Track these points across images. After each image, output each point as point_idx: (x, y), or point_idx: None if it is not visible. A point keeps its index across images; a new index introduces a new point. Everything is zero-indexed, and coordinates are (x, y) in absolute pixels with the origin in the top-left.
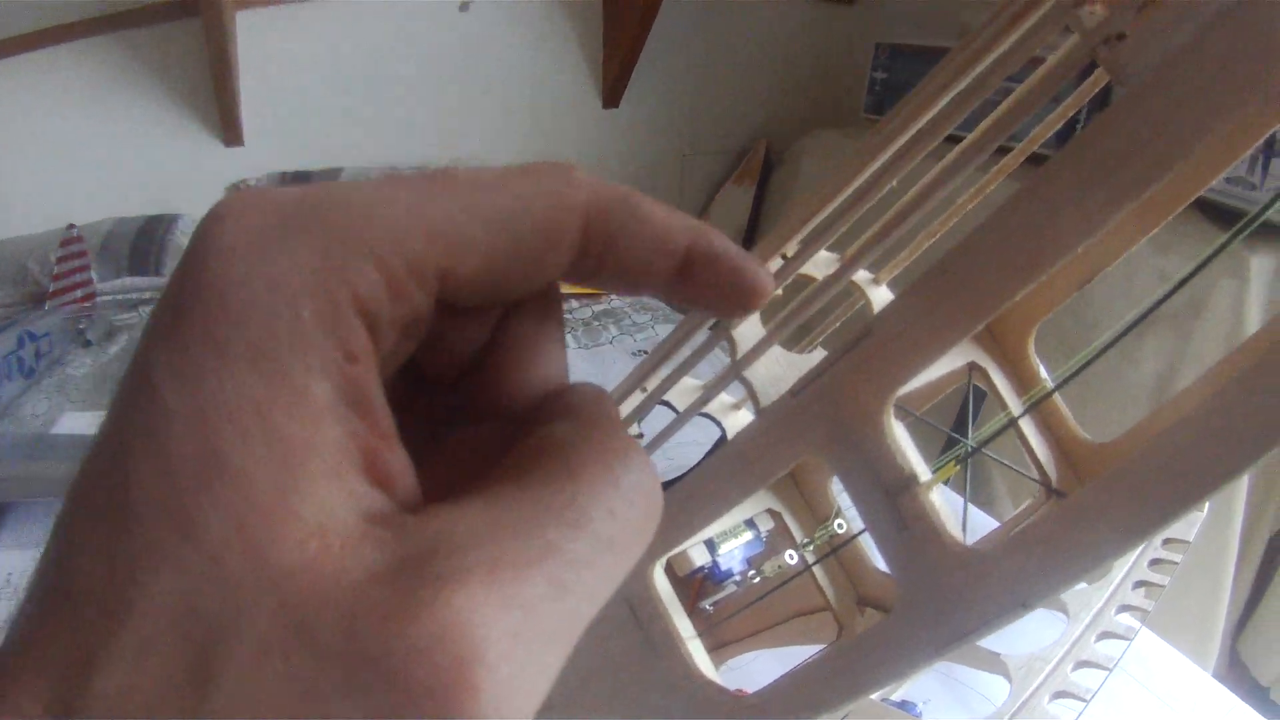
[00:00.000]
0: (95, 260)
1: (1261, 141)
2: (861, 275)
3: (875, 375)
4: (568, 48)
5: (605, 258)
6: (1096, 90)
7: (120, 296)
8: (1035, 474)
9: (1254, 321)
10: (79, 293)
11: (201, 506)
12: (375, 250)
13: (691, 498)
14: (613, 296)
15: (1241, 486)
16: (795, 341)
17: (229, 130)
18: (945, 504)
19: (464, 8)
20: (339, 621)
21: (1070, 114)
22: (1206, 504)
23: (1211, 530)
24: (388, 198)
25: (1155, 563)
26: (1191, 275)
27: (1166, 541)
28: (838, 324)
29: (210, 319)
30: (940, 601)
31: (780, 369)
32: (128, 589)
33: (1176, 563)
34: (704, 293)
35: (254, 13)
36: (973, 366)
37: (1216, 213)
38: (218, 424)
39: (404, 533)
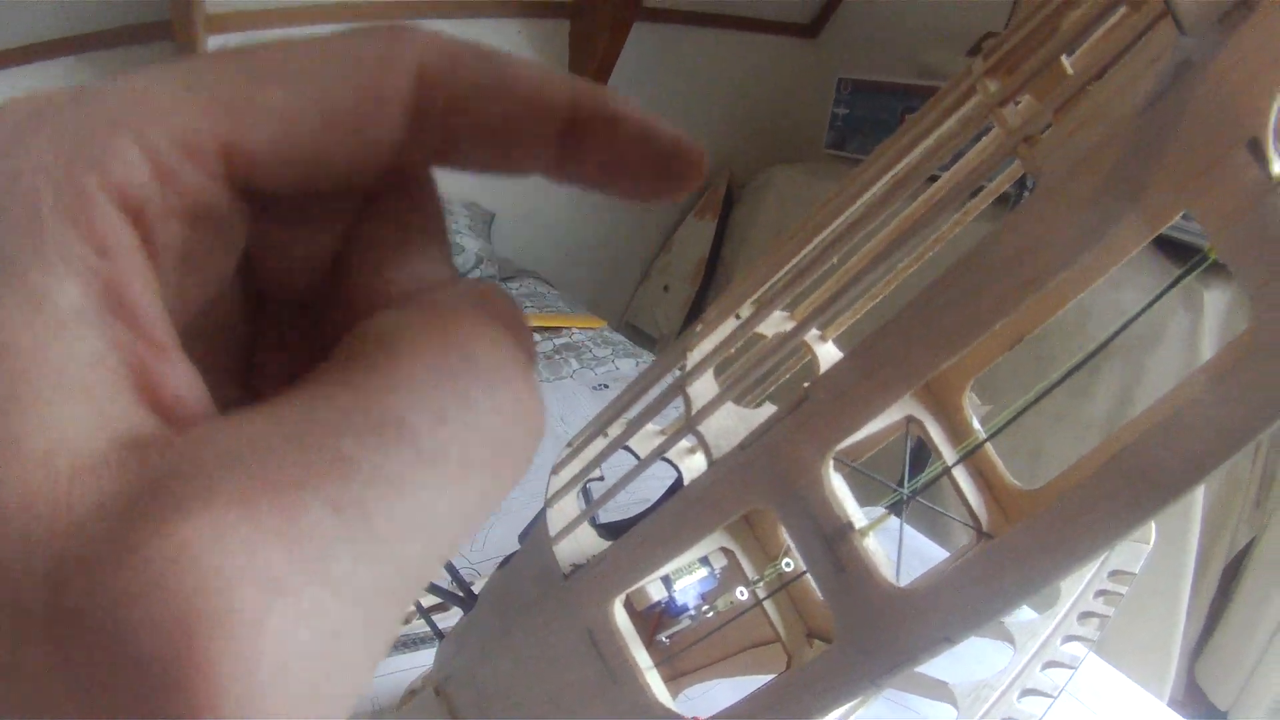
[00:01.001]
0: None
1: None
2: (810, 333)
3: (815, 433)
4: None
5: (457, 123)
6: (1013, 180)
7: None
8: (970, 519)
9: (1208, 356)
10: None
11: None
12: (135, 129)
13: (648, 539)
14: (574, 330)
15: (1196, 515)
16: (747, 394)
17: None
18: (881, 548)
19: None
20: (46, 575)
21: (989, 200)
22: (1153, 537)
23: (1166, 559)
24: (161, 75)
25: (1101, 594)
26: (1112, 337)
27: (1113, 573)
28: (786, 376)
29: None
30: (873, 636)
31: (731, 423)
32: None
33: (1122, 594)
34: (607, 167)
35: (227, 37)
36: (910, 420)
37: (1172, 247)
38: None
39: (158, 457)
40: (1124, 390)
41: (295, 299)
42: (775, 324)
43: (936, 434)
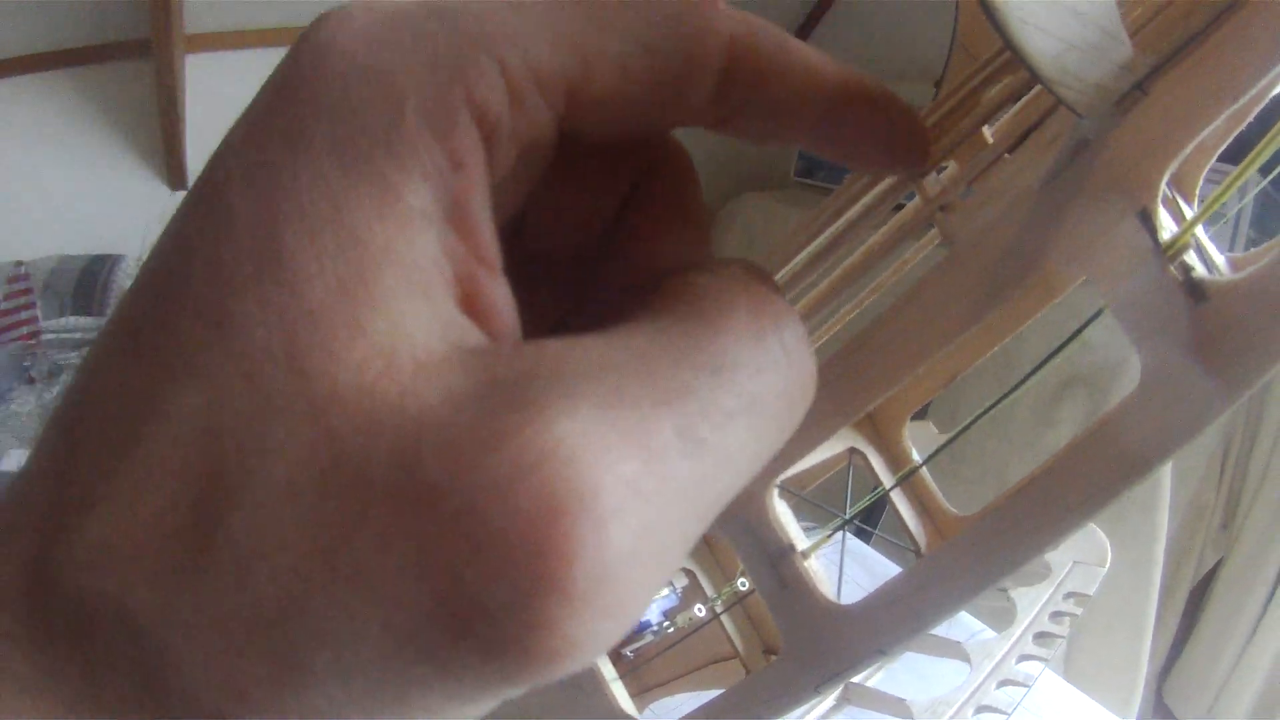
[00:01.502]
0: (39, 297)
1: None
2: None
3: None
4: None
5: (749, 98)
6: (931, 246)
7: (62, 335)
8: (909, 543)
9: None
10: (25, 329)
11: (245, 309)
12: (496, 50)
13: None
14: None
15: (1160, 536)
16: None
17: (174, 173)
18: (824, 569)
19: None
20: (394, 454)
21: (910, 263)
22: (1108, 560)
23: (1131, 580)
24: (515, 3)
25: (1056, 615)
26: (1052, 356)
27: (1068, 595)
28: None
29: (295, 114)
30: (814, 648)
31: None
32: (140, 412)
33: (1077, 615)
34: (853, 142)
35: (204, 56)
36: (853, 451)
37: None
38: (283, 218)
39: (499, 360)
40: (1088, 417)
41: (550, 253)
42: None
43: (878, 464)
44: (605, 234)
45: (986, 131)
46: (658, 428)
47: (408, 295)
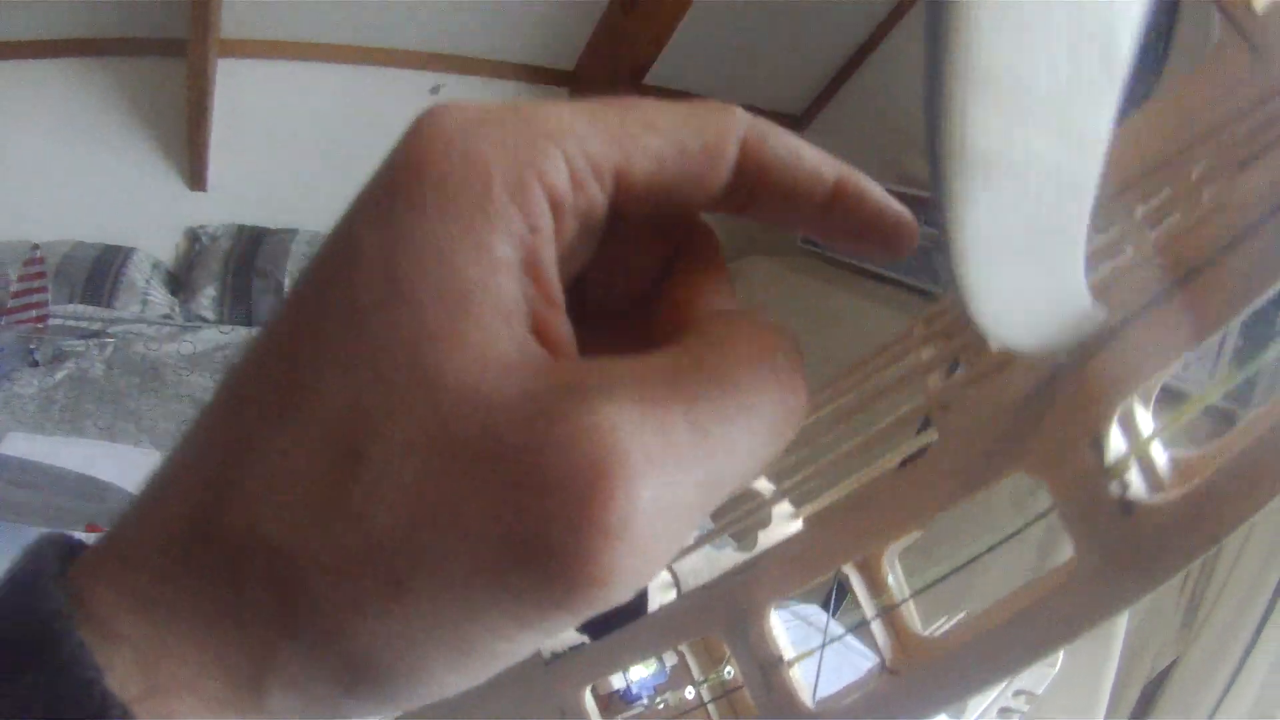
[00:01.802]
0: (50, 281)
1: None
2: (784, 508)
3: (764, 586)
4: None
5: (758, 185)
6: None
7: (69, 322)
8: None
9: None
10: (33, 313)
11: (377, 323)
12: (561, 144)
13: (622, 644)
14: None
15: (1120, 635)
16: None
17: (195, 174)
18: (803, 676)
19: (435, 91)
20: (483, 428)
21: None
22: (1059, 659)
23: (1086, 677)
24: (572, 108)
25: (1004, 711)
26: (984, 553)
27: (1017, 692)
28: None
29: (410, 184)
30: None
31: (702, 563)
32: (293, 393)
33: (1024, 711)
34: (848, 231)
35: (237, 61)
36: (838, 573)
37: None
38: (402, 259)
39: (560, 369)
40: (1057, 532)
41: (606, 301)
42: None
43: (859, 586)
44: (650, 287)
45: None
46: (673, 419)
47: (495, 321)
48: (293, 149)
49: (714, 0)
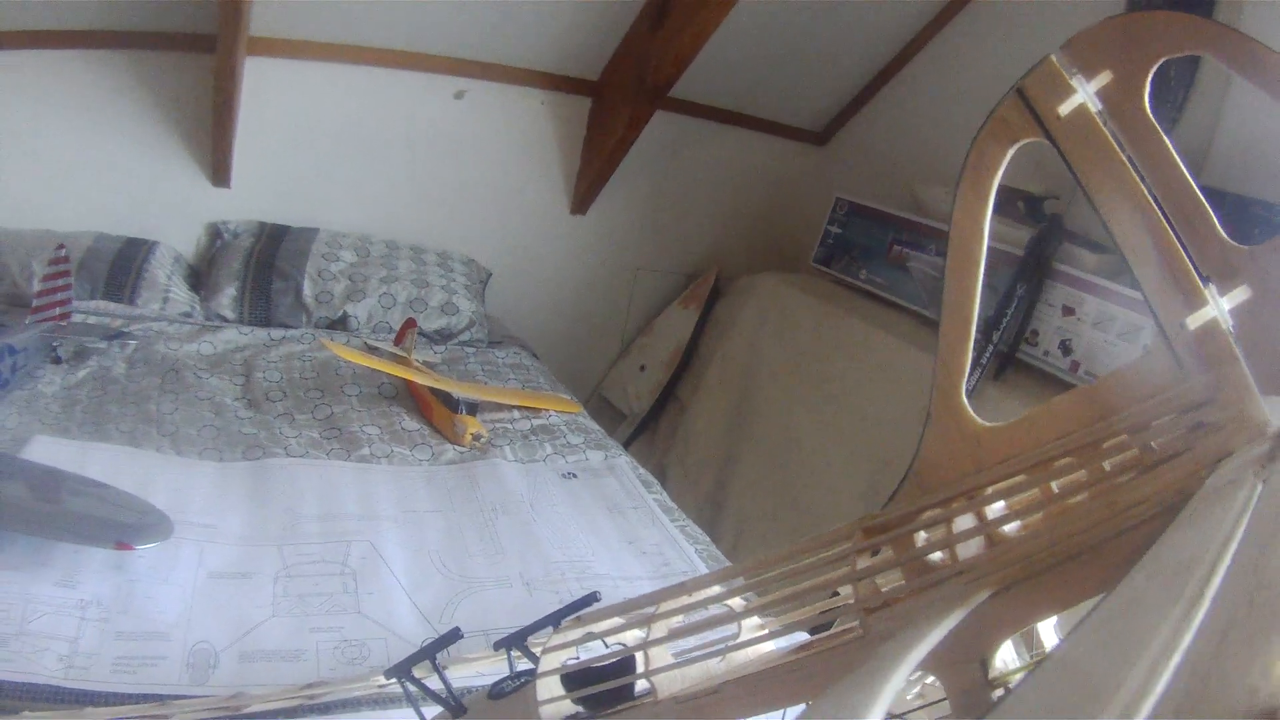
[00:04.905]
0: (74, 275)
1: None
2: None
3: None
4: (548, 152)
5: None
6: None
7: (92, 319)
8: None
9: None
10: (57, 310)
11: None
12: None
13: None
14: (550, 413)
15: None
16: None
17: (218, 171)
18: None
19: (459, 96)
20: None
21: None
22: None
23: None
24: None
25: None
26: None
27: None
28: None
29: None
30: None
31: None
32: None
33: None
34: None
35: (265, 60)
36: None
37: None
38: None
39: None
40: None
41: None
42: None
43: None
44: None
45: (920, 537)
46: None
47: None
48: (316, 148)
49: (740, 21)
